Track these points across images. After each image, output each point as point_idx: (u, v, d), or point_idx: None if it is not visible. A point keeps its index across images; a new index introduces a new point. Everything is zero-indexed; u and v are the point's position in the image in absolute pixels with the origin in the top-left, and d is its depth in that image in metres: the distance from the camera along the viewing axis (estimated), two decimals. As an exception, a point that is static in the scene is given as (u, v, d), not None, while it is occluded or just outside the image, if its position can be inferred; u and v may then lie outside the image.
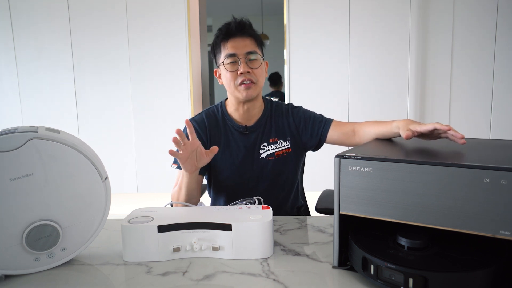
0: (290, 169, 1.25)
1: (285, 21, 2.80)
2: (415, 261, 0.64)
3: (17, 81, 3.01)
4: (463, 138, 0.79)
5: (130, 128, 3.02)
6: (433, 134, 0.86)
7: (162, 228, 0.79)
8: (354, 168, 0.69)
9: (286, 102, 2.48)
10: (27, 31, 2.94)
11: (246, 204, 1.00)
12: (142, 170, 3.04)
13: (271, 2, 5.21)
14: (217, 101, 6.77)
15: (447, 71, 2.88)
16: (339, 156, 0.71)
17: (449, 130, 0.80)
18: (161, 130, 3.01)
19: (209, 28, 6.06)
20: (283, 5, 2.76)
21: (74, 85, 3.00)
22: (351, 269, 0.74)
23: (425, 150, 0.80)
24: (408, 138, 0.86)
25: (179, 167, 1.14)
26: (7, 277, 0.74)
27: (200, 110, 3.22)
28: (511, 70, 2.85)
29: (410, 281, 0.61)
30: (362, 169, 0.68)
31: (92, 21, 2.91)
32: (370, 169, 0.67)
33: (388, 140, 0.99)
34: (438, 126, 0.81)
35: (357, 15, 2.80)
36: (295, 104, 1.32)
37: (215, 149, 1.01)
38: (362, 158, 0.68)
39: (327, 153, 1.37)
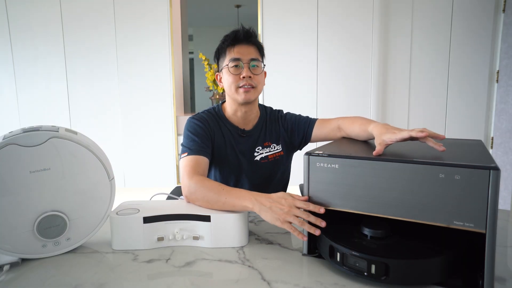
0: (282, 171, 1.30)
1: (259, 31, 3.07)
2: (377, 249, 0.69)
3: (14, 83, 3.14)
4: (442, 146, 0.73)
5: (118, 128, 3.19)
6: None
7: (147, 219, 0.84)
8: (322, 164, 0.74)
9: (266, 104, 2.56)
10: (24, 35, 3.08)
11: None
12: (129, 166, 3.23)
13: (247, 13, 5.76)
14: (197, 104, 6.79)
15: (406, 72, 3.07)
16: (308, 154, 0.75)
17: (426, 136, 0.74)
18: (147, 131, 3.19)
19: (190, 37, 6.54)
20: (257, 16, 3.08)
21: (67, 87, 3.14)
22: (319, 256, 0.79)
23: (387, 148, 0.83)
24: (376, 155, 0.74)
25: (189, 154, 1.09)
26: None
27: (182, 111, 3.41)
28: (464, 73, 3.01)
29: (373, 267, 0.66)
30: (329, 165, 0.73)
31: (83, 36, 3.09)
32: (336, 165, 0.72)
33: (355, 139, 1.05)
34: (413, 134, 0.75)
35: (325, 24, 3.05)
36: (275, 108, 1.35)
37: None
38: (329, 155, 0.73)
39: (303, 150, 1.41)
